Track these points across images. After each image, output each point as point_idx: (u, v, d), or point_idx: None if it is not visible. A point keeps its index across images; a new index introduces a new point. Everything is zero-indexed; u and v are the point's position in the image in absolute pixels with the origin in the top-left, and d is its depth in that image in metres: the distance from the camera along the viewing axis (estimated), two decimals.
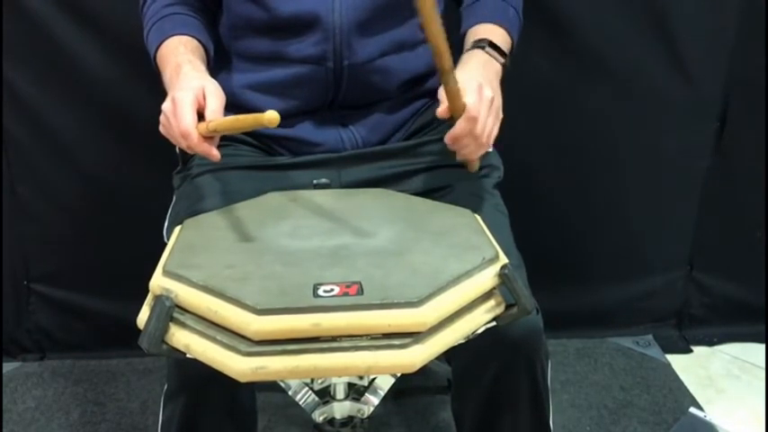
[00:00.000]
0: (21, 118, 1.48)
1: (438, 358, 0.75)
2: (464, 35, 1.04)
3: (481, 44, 0.98)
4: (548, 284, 1.14)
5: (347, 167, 1.04)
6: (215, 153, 0.83)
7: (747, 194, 1.66)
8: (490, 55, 0.97)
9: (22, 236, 1.58)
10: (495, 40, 0.99)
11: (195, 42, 0.99)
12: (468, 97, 0.84)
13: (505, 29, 1.03)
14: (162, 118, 0.85)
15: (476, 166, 0.95)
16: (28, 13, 1.40)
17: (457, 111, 0.84)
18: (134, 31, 1.08)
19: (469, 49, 0.98)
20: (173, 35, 0.98)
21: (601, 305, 1.73)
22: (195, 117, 0.82)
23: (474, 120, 0.84)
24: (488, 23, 1.02)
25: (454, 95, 0.83)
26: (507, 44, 1.02)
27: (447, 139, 0.86)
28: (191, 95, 0.83)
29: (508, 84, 0.94)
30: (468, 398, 0.99)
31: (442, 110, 0.85)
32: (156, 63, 0.99)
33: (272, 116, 0.71)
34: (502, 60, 0.98)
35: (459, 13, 1.10)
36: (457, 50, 1.08)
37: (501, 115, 0.90)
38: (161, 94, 0.89)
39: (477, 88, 0.85)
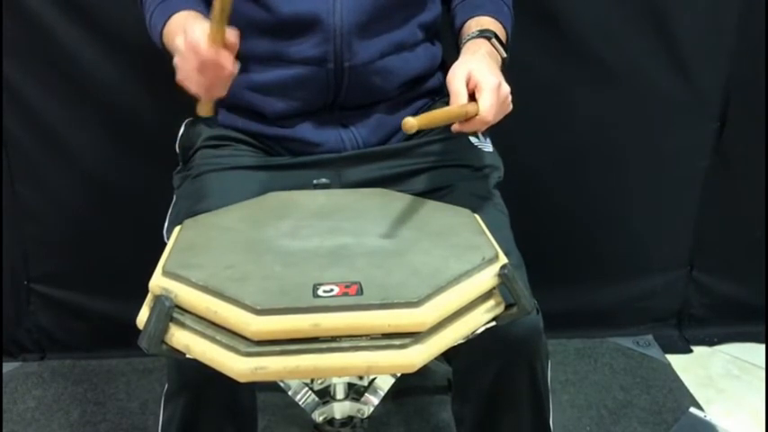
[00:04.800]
0: (21, 118, 1.48)
1: (438, 358, 0.75)
2: (460, 28, 1.04)
3: (487, 34, 0.98)
4: (548, 284, 1.13)
5: (347, 168, 1.04)
6: (230, 63, 0.80)
7: (747, 194, 1.66)
8: (494, 47, 0.97)
9: (22, 236, 1.58)
10: (498, 34, 0.99)
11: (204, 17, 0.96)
12: (485, 98, 0.83)
13: (502, 24, 1.03)
14: (176, 59, 0.83)
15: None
16: (28, 13, 1.39)
17: (468, 112, 0.84)
18: (134, 31, 1.08)
19: (475, 38, 0.98)
20: (179, 10, 0.96)
21: (601, 305, 1.73)
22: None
23: (486, 123, 0.84)
24: (487, 17, 1.03)
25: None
26: (505, 39, 1.02)
27: (453, 130, 0.86)
28: (201, 22, 0.81)
29: (507, 83, 0.93)
30: (469, 398, 0.99)
31: (455, 128, 0.85)
32: (162, 40, 0.97)
33: None
34: (504, 55, 0.98)
35: (451, 12, 1.10)
36: (450, 47, 1.08)
37: (511, 107, 0.89)
38: (161, 93, 0.89)
39: (494, 87, 0.84)
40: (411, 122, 0.76)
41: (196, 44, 0.79)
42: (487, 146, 1.09)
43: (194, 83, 0.83)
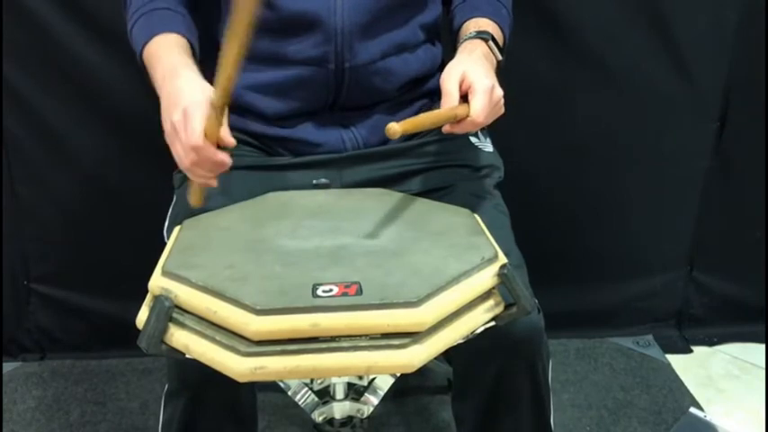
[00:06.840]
0: (21, 118, 1.48)
1: (438, 358, 0.75)
2: (458, 28, 1.04)
3: (484, 35, 0.98)
4: (548, 284, 1.13)
5: (348, 168, 1.04)
6: (227, 159, 0.81)
7: (747, 194, 1.66)
8: (491, 49, 0.97)
9: (22, 236, 1.58)
10: (495, 36, 0.99)
11: (186, 43, 0.95)
12: (477, 100, 0.83)
13: (500, 27, 1.03)
14: (169, 129, 0.82)
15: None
16: (28, 12, 1.39)
17: (459, 113, 0.84)
18: None
19: (472, 38, 0.98)
20: (162, 32, 0.94)
21: (601, 305, 1.73)
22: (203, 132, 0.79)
23: (477, 126, 0.84)
24: (486, 19, 1.03)
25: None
26: (502, 42, 1.02)
27: (444, 131, 0.86)
28: (202, 108, 0.79)
29: (508, 83, 0.94)
30: (469, 398, 0.99)
31: (446, 129, 0.85)
32: (142, 60, 0.96)
33: None
34: (500, 57, 0.99)
35: (450, 14, 1.10)
36: (449, 48, 1.08)
37: (503, 110, 0.89)
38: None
39: (488, 90, 0.84)
40: (394, 128, 0.74)
41: (195, 144, 0.78)
42: (488, 146, 1.09)
43: (190, 173, 0.83)
